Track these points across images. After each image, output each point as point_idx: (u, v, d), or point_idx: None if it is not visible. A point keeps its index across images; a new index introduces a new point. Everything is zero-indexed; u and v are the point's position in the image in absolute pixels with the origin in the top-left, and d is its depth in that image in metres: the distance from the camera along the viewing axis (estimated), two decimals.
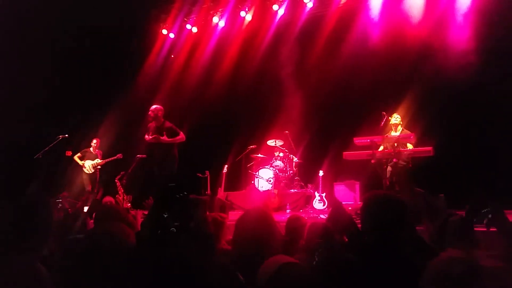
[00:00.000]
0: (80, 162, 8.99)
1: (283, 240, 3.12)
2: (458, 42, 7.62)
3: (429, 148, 6.23)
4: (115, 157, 8.95)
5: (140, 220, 4.22)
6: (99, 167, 9.03)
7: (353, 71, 8.67)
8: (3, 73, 8.29)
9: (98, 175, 9.03)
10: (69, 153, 8.69)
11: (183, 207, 1.91)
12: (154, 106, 7.15)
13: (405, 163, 6.71)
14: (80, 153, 9.05)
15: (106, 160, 9.05)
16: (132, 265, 1.70)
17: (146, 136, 7.15)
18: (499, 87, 6.85)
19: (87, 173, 8.99)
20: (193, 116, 7.06)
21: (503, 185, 6.05)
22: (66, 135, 8.18)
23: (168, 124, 7.13)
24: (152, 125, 7.14)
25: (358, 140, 6.73)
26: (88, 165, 8.99)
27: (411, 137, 6.36)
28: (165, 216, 1.82)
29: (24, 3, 8.14)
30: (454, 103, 7.54)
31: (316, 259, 2.23)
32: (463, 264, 1.47)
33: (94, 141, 9.15)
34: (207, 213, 3.25)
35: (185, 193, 1.97)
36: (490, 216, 2.28)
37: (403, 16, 8.41)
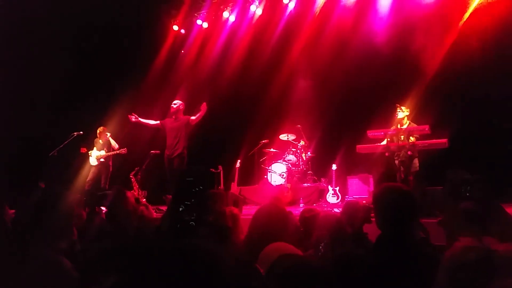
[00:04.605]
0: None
1: (298, 233, 3.12)
2: (471, 33, 7.50)
3: (444, 140, 6.14)
4: (118, 151, 8.21)
5: (152, 211, 4.29)
6: (102, 159, 8.24)
7: (365, 63, 8.58)
8: (19, 69, 8.40)
9: (109, 170, 8.34)
10: (84, 150, 8.43)
11: (201, 201, 1.92)
12: (176, 101, 7.44)
13: (414, 155, 6.54)
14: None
15: (109, 153, 8.24)
16: (151, 258, 1.71)
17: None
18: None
19: (92, 165, 8.30)
20: (205, 111, 7.15)
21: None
22: (81, 132, 8.19)
23: (186, 117, 7.38)
24: (170, 119, 7.43)
25: (371, 133, 6.67)
26: (94, 156, 8.33)
27: (426, 129, 6.26)
28: (184, 209, 1.84)
29: None
30: (466, 94, 7.44)
31: (322, 251, 2.23)
32: (477, 251, 1.51)
33: (99, 129, 8.39)
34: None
35: (202, 187, 1.99)
36: (469, 187, 2.31)
37: (414, 7, 8.29)
